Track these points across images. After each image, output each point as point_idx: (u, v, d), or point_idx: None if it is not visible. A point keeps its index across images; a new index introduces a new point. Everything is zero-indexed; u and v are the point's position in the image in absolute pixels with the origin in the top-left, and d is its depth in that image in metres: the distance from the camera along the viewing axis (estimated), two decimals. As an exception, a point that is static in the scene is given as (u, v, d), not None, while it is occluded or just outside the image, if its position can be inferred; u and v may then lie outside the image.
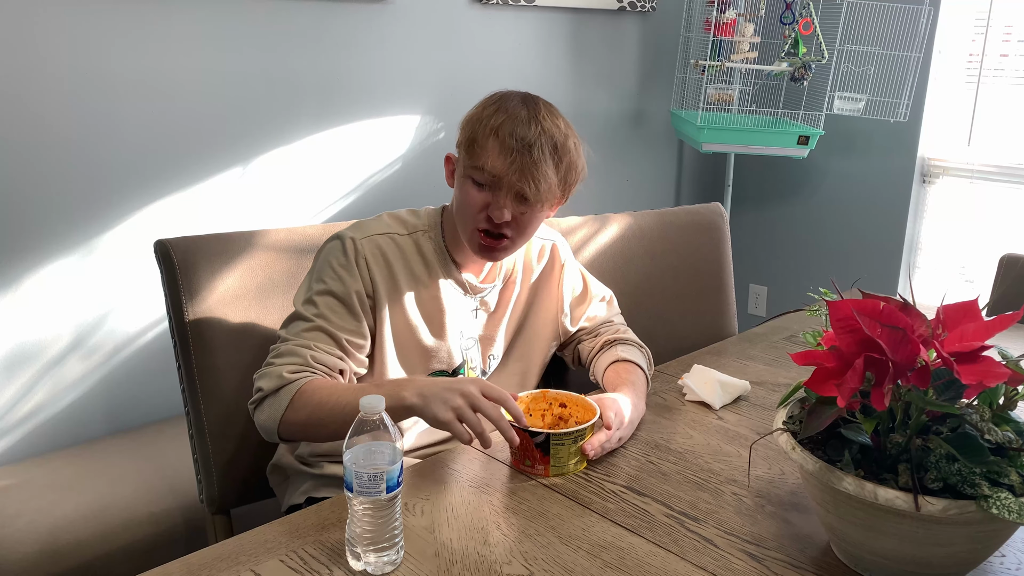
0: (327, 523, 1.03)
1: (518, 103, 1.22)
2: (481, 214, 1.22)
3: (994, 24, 2.82)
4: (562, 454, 1.14)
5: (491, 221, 1.22)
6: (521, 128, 1.19)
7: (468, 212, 1.23)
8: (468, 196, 1.22)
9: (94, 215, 1.97)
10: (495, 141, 1.19)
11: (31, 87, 1.84)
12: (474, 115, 1.24)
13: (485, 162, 1.19)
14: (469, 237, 1.26)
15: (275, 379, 1.17)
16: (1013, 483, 0.83)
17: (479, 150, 1.20)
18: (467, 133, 1.23)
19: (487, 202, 1.21)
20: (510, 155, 1.18)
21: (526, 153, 1.18)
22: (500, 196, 1.21)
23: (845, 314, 0.85)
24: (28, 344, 1.92)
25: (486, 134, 1.20)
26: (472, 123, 1.23)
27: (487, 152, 1.19)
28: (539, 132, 1.19)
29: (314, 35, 2.27)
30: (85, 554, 1.62)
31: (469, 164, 1.21)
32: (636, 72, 3.16)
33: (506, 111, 1.21)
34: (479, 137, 1.20)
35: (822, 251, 3.34)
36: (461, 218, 1.25)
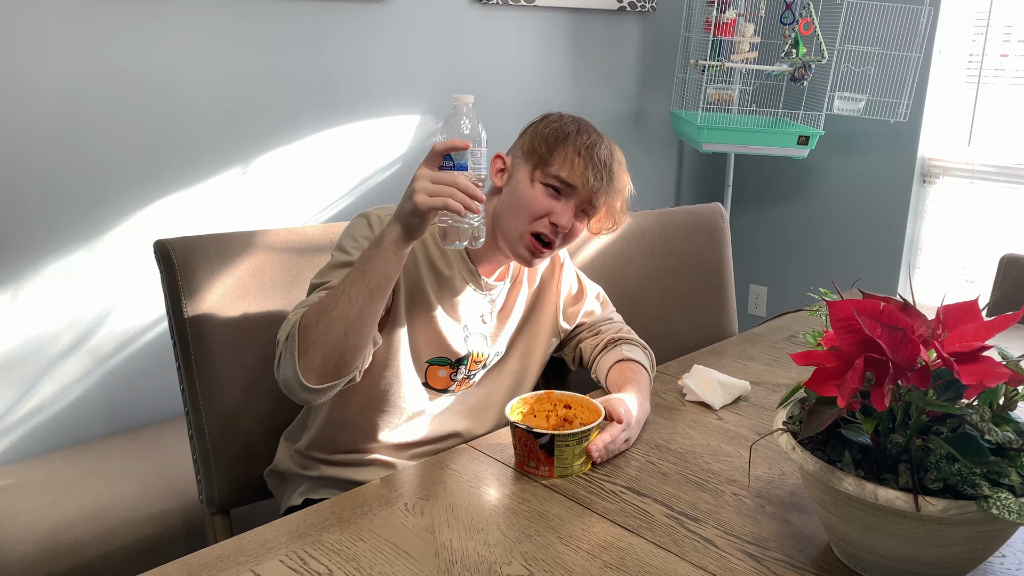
0: (327, 523, 1.03)
1: (596, 133, 1.32)
2: (544, 219, 1.27)
3: (994, 24, 2.82)
4: (566, 455, 1.14)
5: (551, 227, 1.27)
6: (606, 154, 1.30)
7: (528, 214, 1.27)
8: (537, 200, 1.27)
9: (94, 215, 1.97)
10: (583, 161, 1.27)
11: (31, 87, 1.84)
12: (556, 128, 1.29)
13: (570, 176, 1.26)
14: (517, 239, 1.28)
15: (286, 327, 1.16)
16: (1013, 483, 0.83)
17: (566, 163, 1.26)
18: (549, 143, 1.28)
19: (553, 209, 1.27)
20: (596, 174, 1.27)
21: (607, 172, 1.28)
22: (571, 205, 1.28)
23: (845, 314, 0.85)
24: (28, 344, 1.92)
25: (574, 151, 1.27)
26: (556, 135, 1.28)
27: (574, 168, 1.26)
28: (613, 154, 1.31)
29: (314, 35, 2.27)
30: (85, 554, 1.62)
31: (551, 172, 1.27)
32: (636, 72, 3.16)
33: (590, 137, 1.29)
34: (566, 151, 1.27)
35: (822, 251, 3.34)
36: (516, 217, 1.28)
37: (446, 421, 1.38)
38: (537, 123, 1.33)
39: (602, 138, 1.31)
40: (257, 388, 1.41)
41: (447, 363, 1.34)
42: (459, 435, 1.39)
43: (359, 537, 1.01)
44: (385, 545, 0.99)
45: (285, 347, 1.15)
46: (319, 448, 1.34)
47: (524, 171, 1.29)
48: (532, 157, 1.28)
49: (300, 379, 1.13)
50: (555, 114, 1.34)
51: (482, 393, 1.41)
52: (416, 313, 1.30)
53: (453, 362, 1.34)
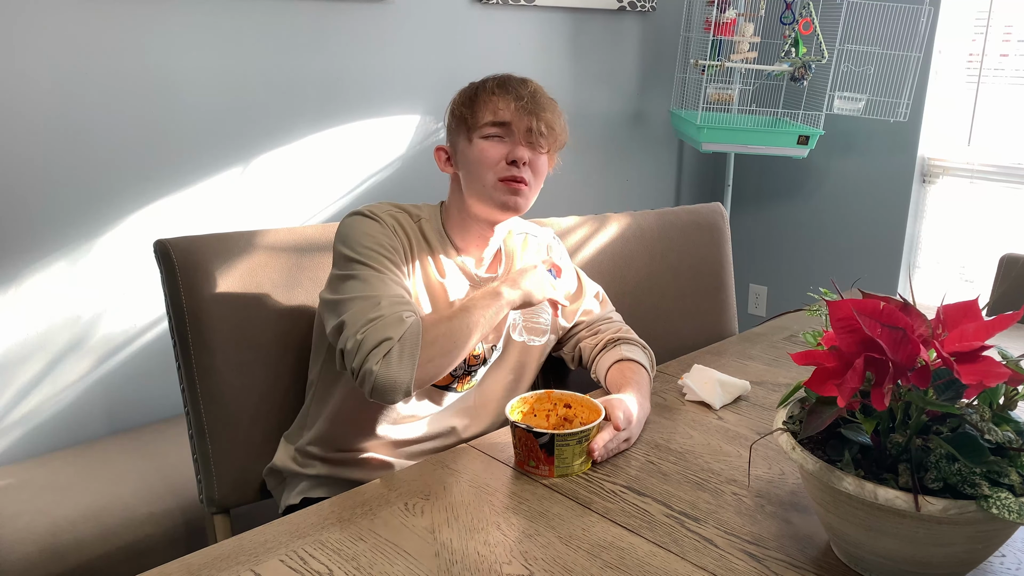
0: (327, 523, 1.03)
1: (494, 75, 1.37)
2: (501, 163, 1.30)
3: (994, 24, 2.82)
4: (567, 455, 1.14)
5: (513, 165, 1.29)
6: (519, 83, 1.34)
7: (487, 166, 1.29)
8: (486, 151, 1.29)
9: (94, 215, 1.97)
10: (501, 97, 1.30)
11: (31, 87, 1.84)
12: (465, 91, 1.34)
13: (496, 115, 1.30)
14: (491, 192, 1.29)
15: (397, 325, 1.15)
16: (1013, 483, 0.83)
17: (488, 108, 1.30)
18: (467, 104, 1.32)
19: (505, 150, 1.30)
20: (519, 100, 1.30)
21: (532, 98, 1.31)
22: (517, 138, 1.30)
23: (845, 314, 0.85)
24: (28, 344, 1.92)
25: (489, 94, 1.31)
26: (467, 95, 1.33)
27: (497, 106, 1.30)
28: (536, 85, 1.35)
29: (314, 35, 2.27)
30: (85, 554, 1.62)
31: (481, 123, 1.30)
32: (636, 72, 3.16)
33: (497, 77, 1.34)
34: (483, 98, 1.31)
35: (822, 251, 3.34)
36: (479, 175, 1.30)
37: (444, 419, 1.38)
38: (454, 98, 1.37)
39: (506, 76, 1.36)
40: (257, 388, 1.41)
41: None
42: (456, 431, 1.39)
43: (359, 537, 1.01)
44: (385, 545, 0.99)
45: (402, 352, 1.14)
46: (318, 446, 1.34)
47: (463, 142, 1.32)
48: (461, 124, 1.32)
49: (410, 386, 1.16)
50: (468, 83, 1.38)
51: (480, 390, 1.41)
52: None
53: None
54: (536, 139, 1.30)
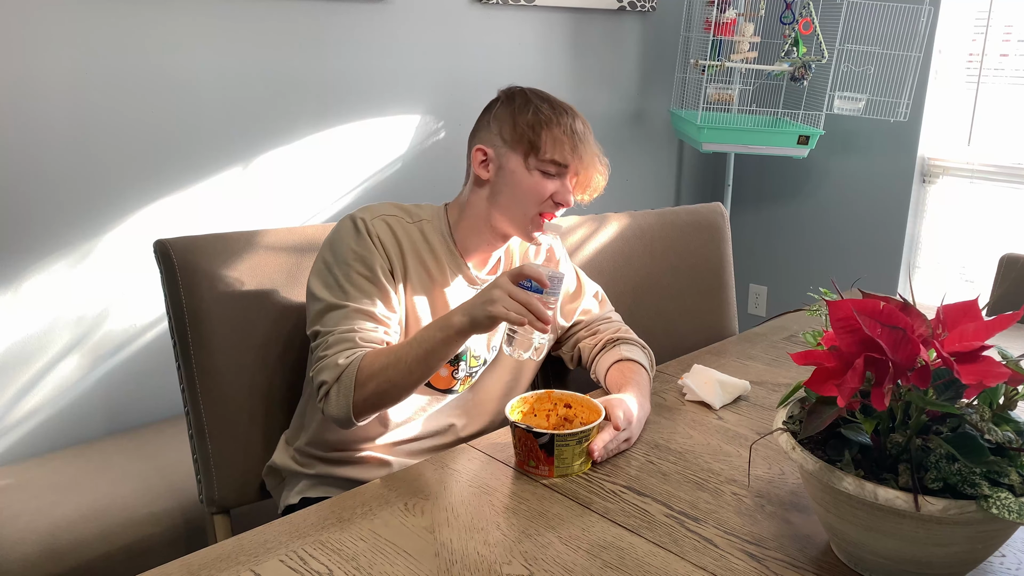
0: (327, 523, 1.03)
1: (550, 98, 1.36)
2: (548, 201, 1.32)
3: (994, 24, 2.82)
4: (566, 455, 1.14)
5: (555, 205, 1.33)
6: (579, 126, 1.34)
7: (536, 199, 1.31)
8: (541, 186, 1.31)
9: (94, 215, 1.97)
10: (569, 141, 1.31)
11: (31, 87, 1.84)
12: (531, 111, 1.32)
13: (562, 158, 1.31)
14: (526, 224, 1.32)
15: (333, 368, 1.21)
16: (1013, 483, 0.83)
17: (555, 146, 1.31)
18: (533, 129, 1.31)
19: (555, 189, 1.32)
20: (584, 154, 1.33)
21: (588, 146, 1.34)
22: (568, 184, 1.34)
23: (845, 314, 0.85)
24: (28, 344, 1.92)
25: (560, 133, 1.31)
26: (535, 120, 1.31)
27: (564, 150, 1.31)
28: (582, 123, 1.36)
29: (314, 35, 2.27)
30: (85, 554, 1.62)
31: (544, 157, 1.31)
32: (636, 72, 3.16)
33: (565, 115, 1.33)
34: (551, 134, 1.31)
35: (822, 251, 3.34)
36: (523, 205, 1.31)
37: (442, 417, 1.38)
38: (509, 106, 1.34)
39: (572, 112, 1.36)
40: (257, 388, 1.41)
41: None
42: (454, 429, 1.40)
43: (359, 537, 1.01)
44: (385, 545, 0.99)
45: (335, 389, 1.21)
46: (317, 446, 1.34)
47: (516, 160, 1.31)
48: (521, 145, 1.31)
49: (351, 421, 1.22)
50: (516, 92, 1.36)
51: (478, 389, 1.41)
52: (411, 318, 1.30)
53: (451, 359, 1.34)
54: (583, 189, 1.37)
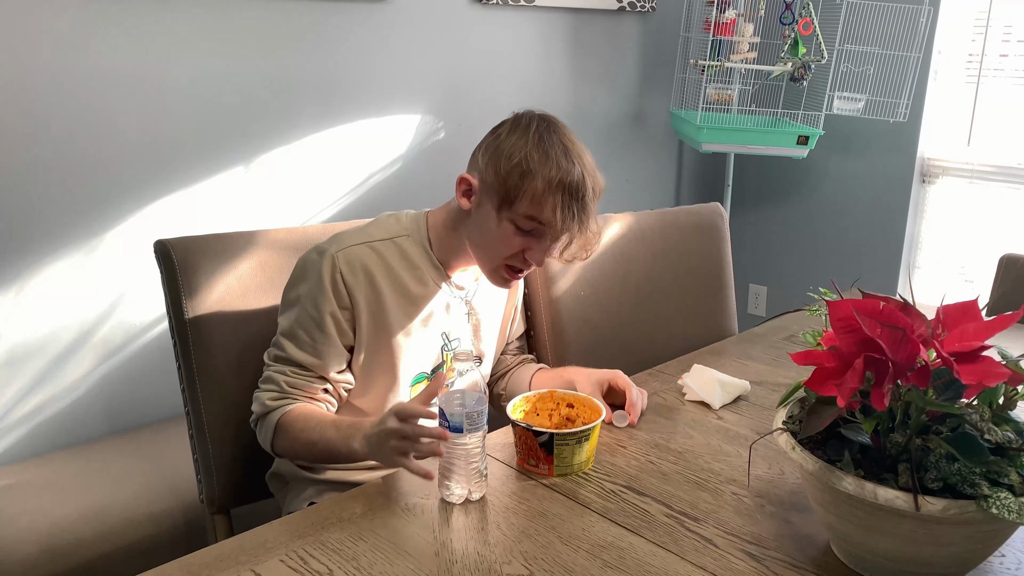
0: (327, 523, 1.03)
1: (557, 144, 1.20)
2: (518, 255, 1.24)
3: (994, 24, 2.82)
4: (566, 454, 1.14)
5: (525, 262, 1.24)
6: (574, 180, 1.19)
7: (501, 251, 1.23)
8: (509, 240, 1.21)
9: (94, 215, 1.97)
10: (551, 197, 1.18)
11: (31, 87, 1.84)
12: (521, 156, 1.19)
13: (540, 215, 1.19)
14: (492, 270, 1.26)
15: (259, 405, 1.25)
16: (1013, 483, 0.83)
17: (534, 203, 1.18)
18: (516, 176, 1.18)
19: (527, 246, 1.23)
20: (568, 211, 1.19)
21: (582, 210, 1.20)
22: (545, 242, 1.23)
23: (845, 314, 0.85)
24: (28, 344, 1.92)
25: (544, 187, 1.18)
26: (521, 166, 1.18)
27: (544, 208, 1.18)
28: (584, 179, 1.20)
29: (314, 35, 2.27)
30: (85, 554, 1.62)
31: (520, 212, 1.19)
32: (636, 72, 3.16)
33: (560, 167, 1.18)
34: (534, 187, 1.18)
35: (822, 251, 3.34)
36: (488, 254, 1.25)
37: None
38: (497, 142, 1.22)
39: (570, 159, 1.20)
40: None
41: (424, 377, 1.33)
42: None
43: (359, 537, 1.01)
44: (385, 545, 0.99)
45: (260, 424, 1.26)
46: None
47: (490, 206, 1.21)
48: (498, 192, 1.20)
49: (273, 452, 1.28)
50: (519, 126, 1.23)
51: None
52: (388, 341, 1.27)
53: (429, 373, 1.33)
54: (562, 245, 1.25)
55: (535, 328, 1.67)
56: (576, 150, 1.22)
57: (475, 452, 1.06)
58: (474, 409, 1.05)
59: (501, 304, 1.45)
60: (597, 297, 1.76)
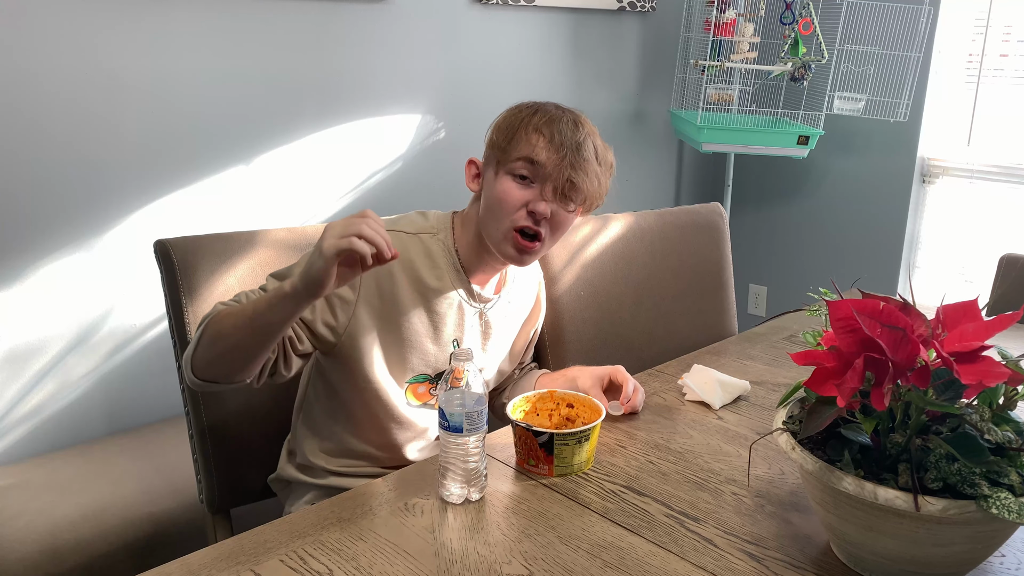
0: (327, 523, 1.03)
1: (558, 108, 1.24)
2: (521, 211, 1.21)
3: (994, 24, 2.82)
4: (566, 454, 1.14)
5: (531, 217, 1.21)
6: (568, 128, 1.20)
7: (506, 209, 1.21)
8: (508, 193, 1.20)
9: (94, 215, 1.97)
10: (542, 136, 1.19)
11: (31, 87, 1.84)
12: (511, 116, 1.24)
13: (532, 154, 1.19)
14: (503, 238, 1.22)
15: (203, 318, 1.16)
16: (1013, 483, 0.83)
17: (524, 144, 1.20)
18: (505, 132, 1.22)
19: (528, 198, 1.20)
20: (560, 149, 1.18)
21: (576, 150, 1.19)
22: (545, 189, 1.20)
23: (845, 314, 0.85)
24: (28, 344, 1.92)
25: (532, 130, 1.20)
26: (511, 122, 1.22)
27: (534, 145, 1.19)
28: (586, 135, 1.22)
29: (314, 35, 2.27)
30: (85, 554, 1.62)
31: (512, 157, 1.20)
32: (636, 72, 3.16)
33: (548, 113, 1.22)
34: (523, 132, 1.20)
35: (822, 251, 3.34)
36: (495, 217, 1.22)
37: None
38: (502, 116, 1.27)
39: (563, 111, 1.23)
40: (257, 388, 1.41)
41: (427, 379, 1.31)
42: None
43: (359, 537, 1.01)
44: (385, 545, 0.99)
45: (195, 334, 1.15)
46: (321, 460, 1.33)
47: (491, 171, 1.24)
48: (494, 150, 1.23)
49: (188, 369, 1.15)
50: (523, 103, 1.27)
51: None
52: (396, 333, 1.25)
53: (433, 377, 1.32)
54: (565, 196, 1.21)
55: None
56: (572, 111, 1.24)
57: (475, 452, 1.06)
58: (474, 409, 1.05)
59: (517, 324, 1.43)
60: (597, 297, 1.76)
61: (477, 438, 1.06)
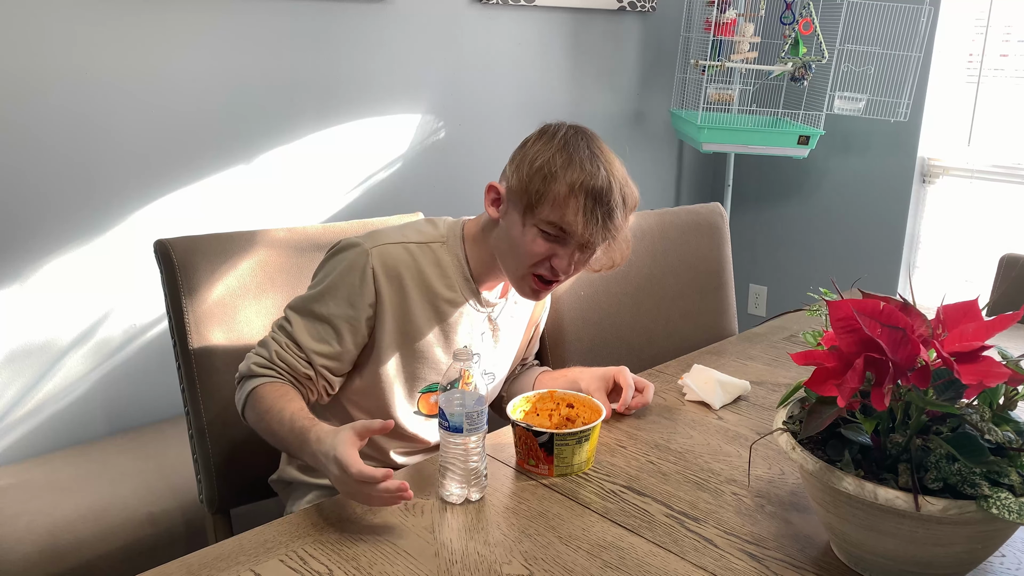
0: (327, 523, 1.03)
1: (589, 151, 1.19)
2: (545, 262, 1.21)
3: (994, 24, 2.82)
4: (566, 454, 1.14)
5: (552, 270, 1.21)
6: (598, 184, 1.16)
7: (527, 259, 1.20)
8: (533, 245, 1.19)
9: (94, 215, 1.97)
10: (575, 200, 1.15)
11: (31, 87, 1.84)
12: (543, 160, 1.17)
13: (563, 221, 1.16)
14: (520, 278, 1.23)
15: (245, 366, 1.22)
16: (1013, 483, 0.83)
17: (557, 207, 1.16)
18: (538, 181, 1.17)
19: (553, 252, 1.20)
20: (591, 216, 1.16)
21: (607, 216, 1.17)
22: (570, 248, 1.20)
23: (845, 314, 0.85)
24: (29, 344, 1.92)
25: (566, 189, 1.15)
26: (543, 171, 1.16)
27: (565, 211, 1.16)
28: (611, 184, 1.18)
29: (314, 35, 2.27)
30: (85, 554, 1.62)
31: (541, 217, 1.17)
32: (636, 72, 3.16)
33: (582, 167, 1.16)
34: (555, 189, 1.16)
35: (822, 251, 3.34)
36: (516, 258, 1.21)
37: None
38: (523, 150, 1.21)
39: (595, 163, 1.17)
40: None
41: (436, 388, 1.31)
42: None
43: (359, 537, 1.01)
44: (385, 545, 0.99)
45: (238, 392, 1.23)
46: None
47: (515, 213, 1.20)
48: (522, 197, 1.18)
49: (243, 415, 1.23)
50: (547, 133, 1.21)
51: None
52: (408, 346, 1.26)
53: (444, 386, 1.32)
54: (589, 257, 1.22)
55: (535, 328, 1.68)
56: (604, 156, 1.19)
57: (475, 452, 1.06)
58: (474, 409, 1.05)
59: (523, 323, 1.43)
60: (597, 297, 1.76)
61: (477, 438, 1.06)
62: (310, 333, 1.21)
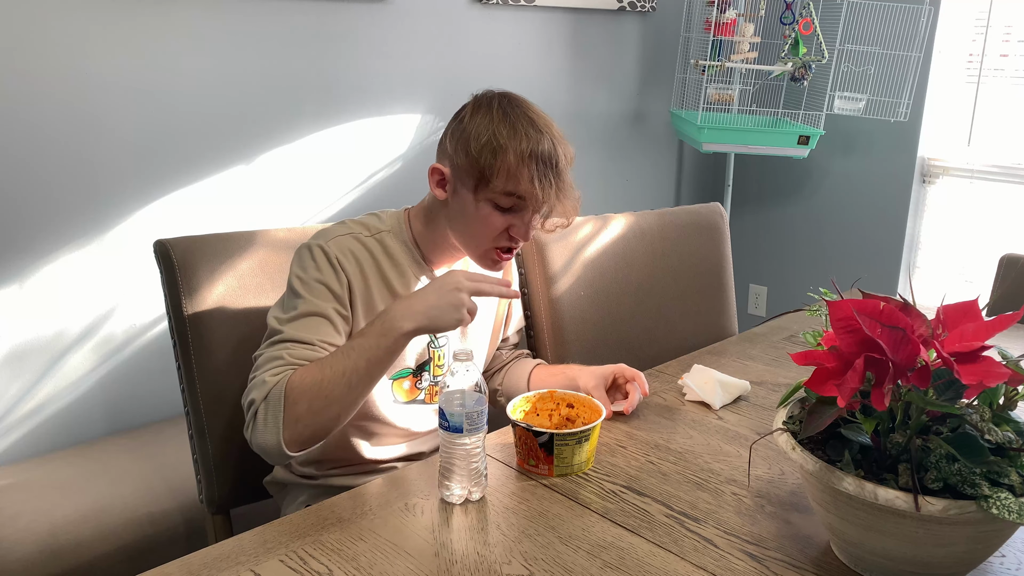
0: (327, 523, 1.03)
1: (522, 116, 1.20)
2: (503, 234, 1.23)
3: (994, 24, 2.82)
4: (566, 454, 1.14)
5: (512, 239, 1.24)
6: (548, 150, 1.19)
7: (487, 234, 1.22)
8: (490, 219, 1.21)
9: (94, 215, 1.97)
10: (525, 168, 1.17)
11: (32, 87, 1.84)
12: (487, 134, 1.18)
13: (516, 190, 1.18)
14: (482, 255, 1.26)
15: (261, 387, 1.13)
16: (1013, 483, 0.83)
17: (508, 178, 1.18)
18: (483, 156, 1.18)
19: (510, 223, 1.22)
20: (544, 180, 1.18)
21: (557, 177, 1.20)
22: (527, 215, 1.22)
23: (845, 314, 0.85)
24: (29, 344, 1.92)
25: (514, 159, 1.17)
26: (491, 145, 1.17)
27: (519, 180, 1.18)
28: (555, 146, 1.20)
29: (314, 35, 2.27)
30: (85, 554, 1.62)
31: (495, 189, 1.18)
32: (636, 72, 3.16)
33: (527, 135, 1.18)
34: (505, 161, 1.17)
35: (822, 251, 3.34)
36: (474, 237, 1.23)
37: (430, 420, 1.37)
38: (462, 126, 1.21)
39: (537, 128, 1.19)
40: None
41: (409, 372, 1.31)
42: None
43: (359, 537, 1.01)
44: (385, 545, 0.99)
45: (266, 414, 1.11)
46: (311, 466, 1.34)
47: (465, 190, 1.21)
48: (472, 175, 1.19)
49: (283, 449, 1.12)
50: (482, 106, 1.21)
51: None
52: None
53: (415, 370, 1.31)
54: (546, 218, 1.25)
55: (535, 328, 1.67)
56: (542, 121, 1.22)
57: (475, 452, 1.06)
58: (474, 409, 1.05)
59: (493, 301, 1.44)
60: (597, 297, 1.76)
61: (477, 438, 1.06)
62: (307, 329, 1.19)
